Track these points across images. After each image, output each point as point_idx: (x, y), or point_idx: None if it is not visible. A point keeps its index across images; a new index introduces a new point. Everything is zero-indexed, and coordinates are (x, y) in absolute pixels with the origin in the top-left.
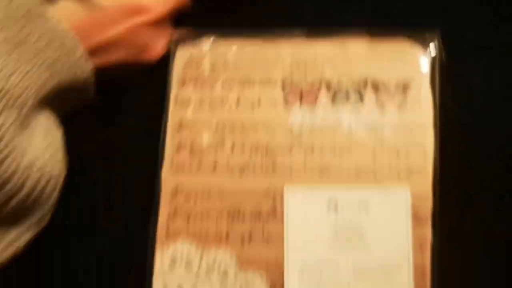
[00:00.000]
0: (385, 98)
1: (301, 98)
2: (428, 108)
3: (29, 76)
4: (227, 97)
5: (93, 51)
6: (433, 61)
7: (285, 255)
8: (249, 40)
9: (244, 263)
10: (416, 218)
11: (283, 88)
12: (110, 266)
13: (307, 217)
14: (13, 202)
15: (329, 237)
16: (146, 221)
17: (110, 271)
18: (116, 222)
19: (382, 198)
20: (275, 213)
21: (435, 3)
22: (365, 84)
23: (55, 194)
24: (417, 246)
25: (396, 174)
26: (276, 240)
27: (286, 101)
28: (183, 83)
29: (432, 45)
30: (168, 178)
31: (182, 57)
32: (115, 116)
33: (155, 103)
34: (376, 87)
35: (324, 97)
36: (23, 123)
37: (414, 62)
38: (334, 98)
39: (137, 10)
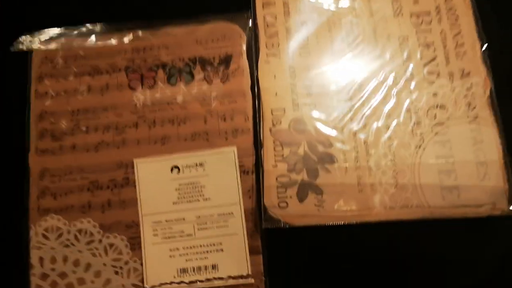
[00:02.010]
0: (211, 73)
1: (142, 81)
2: (247, 78)
3: None
4: (79, 86)
5: None
6: (249, 38)
7: (140, 216)
8: (95, 33)
9: (106, 228)
10: (242, 171)
11: (127, 73)
12: None
13: (155, 182)
14: None
15: (174, 196)
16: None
17: None
18: None
19: (215, 159)
20: (128, 181)
21: None
22: (194, 63)
23: None
24: (245, 193)
25: (224, 136)
26: (131, 204)
27: (129, 85)
28: (40, 78)
29: (247, 25)
30: (34, 162)
31: (37, 55)
32: None
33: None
34: (203, 65)
35: (161, 78)
36: None
37: (233, 40)
38: (169, 78)
39: None
